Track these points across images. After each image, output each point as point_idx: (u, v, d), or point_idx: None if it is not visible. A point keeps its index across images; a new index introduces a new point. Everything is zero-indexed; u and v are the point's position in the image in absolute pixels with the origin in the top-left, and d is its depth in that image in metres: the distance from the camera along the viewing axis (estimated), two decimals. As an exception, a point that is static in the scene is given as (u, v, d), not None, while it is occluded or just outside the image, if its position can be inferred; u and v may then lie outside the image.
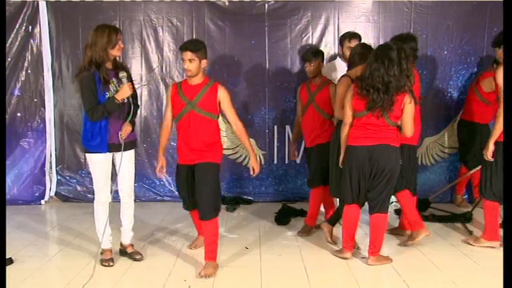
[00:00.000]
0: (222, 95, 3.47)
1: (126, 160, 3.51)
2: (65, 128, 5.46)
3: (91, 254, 3.75)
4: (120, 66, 3.50)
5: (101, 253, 3.63)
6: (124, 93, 3.37)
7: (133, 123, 3.53)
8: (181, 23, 5.34)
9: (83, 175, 5.51)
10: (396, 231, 4.27)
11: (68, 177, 5.52)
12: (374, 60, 3.39)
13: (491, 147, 3.72)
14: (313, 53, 4.22)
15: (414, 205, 4.00)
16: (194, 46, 3.41)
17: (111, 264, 3.57)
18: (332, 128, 4.07)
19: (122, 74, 3.41)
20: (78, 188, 5.52)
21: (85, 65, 3.34)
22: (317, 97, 4.16)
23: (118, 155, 3.48)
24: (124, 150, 3.46)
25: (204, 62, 3.43)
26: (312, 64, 4.15)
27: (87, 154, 3.52)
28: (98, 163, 3.47)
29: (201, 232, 3.88)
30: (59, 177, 5.51)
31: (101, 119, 3.35)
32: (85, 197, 5.48)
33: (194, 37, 5.27)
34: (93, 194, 5.30)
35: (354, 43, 4.27)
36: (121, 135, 3.43)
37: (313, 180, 4.26)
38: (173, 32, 5.35)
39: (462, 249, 3.92)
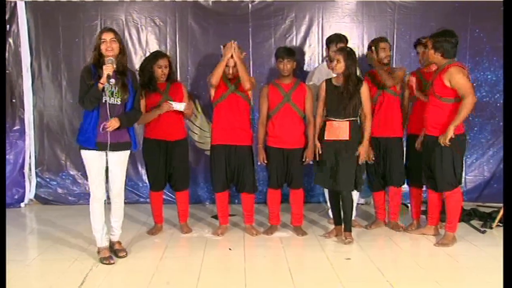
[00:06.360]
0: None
1: (117, 160, 3.64)
2: (45, 129, 5.42)
3: (72, 258, 3.73)
4: (123, 71, 3.58)
5: (98, 252, 3.69)
6: (103, 74, 3.44)
7: (124, 122, 3.57)
8: (164, 23, 5.34)
9: (63, 177, 5.49)
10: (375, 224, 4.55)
11: (48, 179, 5.49)
12: None
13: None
14: (292, 51, 4.27)
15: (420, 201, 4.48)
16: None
17: (111, 262, 3.61)
18: (305, 128, 4.24)
19: (110, 58, 3.49)
20: (59, 190, 5.49)
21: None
22: (293, 96, 4.20)
23: (111, 156, 3.60)
24: (116, 150, 3.60)
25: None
26: (289, 62, 4.17)
27: (80, 150, 3.63)
28: (87, 159, 3.60)
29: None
30: (38, 179, 5.47)
31: (91, 107, 3.49)
32: (66, 200, 5.46)
33: (177, 37, 5.33)
34: (75, 197, 5.45)
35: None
36: (104, 124, 3.49)
37: (300, 183, 4.33)
38: (156, 32, 5.36)
39: (446, 249, 3.96)
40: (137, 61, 5.33)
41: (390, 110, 4.37)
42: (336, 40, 4.47)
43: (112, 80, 3.47)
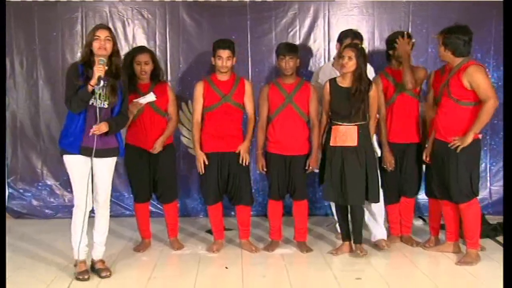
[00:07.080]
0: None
1: (104, 167, 3.62)
2: (19, 134, 5.36)
3: (48, 279, 3.64)
4: (116, 73, 3.55)
5: (75, 265, 3.65)
6: (94, 75, 3.41)
7: (113, 127, 3.55)
8: (152, 16, 5.31)
9: (39, 187, 5.42)
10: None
11: (22, 190, 5.42)
12: None
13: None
14: (294, 47, 4.24)
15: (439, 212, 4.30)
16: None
17: (86, 277, 3.57)
18: (309, 133, 4.18)
19: (101, 58, 3.45)
20: (34, 202, 5.42)
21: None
22: (295, 97, 4.14)
23: (96, 162, 3.58)
24: (103, 156, 3.57)
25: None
26: (292, 59, 4.10)
27: (63, 156, 3.61)
28: (71, 165, 3.57)
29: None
30: (11, 190, 5.41)
31: (79, 109, 3.47)
32: (42, 213, 5.38)
33: (168, 32, 5.31)
34: (52, 210, 5.34)
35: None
36: (92, 128, 3.46)
37: (304, 193, 4.27)
38: (143, 25, 5.32)
39: (469, 268, 3.88)
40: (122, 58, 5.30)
41: (408, 113, 4.27)
42: (352, 36, 4.40)
43: (101, 82, 3.43)
